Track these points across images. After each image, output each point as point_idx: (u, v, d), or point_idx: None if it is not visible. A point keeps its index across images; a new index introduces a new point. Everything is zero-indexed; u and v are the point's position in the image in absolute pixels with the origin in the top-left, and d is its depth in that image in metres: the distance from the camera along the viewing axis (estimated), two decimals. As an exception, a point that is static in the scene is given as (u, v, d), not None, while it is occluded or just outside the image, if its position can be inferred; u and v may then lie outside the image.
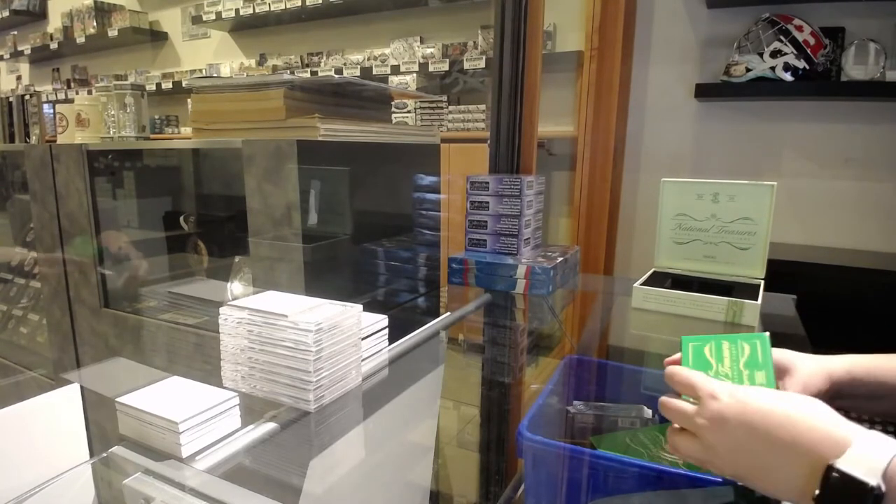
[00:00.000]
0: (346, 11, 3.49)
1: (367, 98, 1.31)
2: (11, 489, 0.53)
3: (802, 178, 2.37)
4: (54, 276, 1.51)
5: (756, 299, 1.06)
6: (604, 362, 1.02)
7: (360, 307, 0.75)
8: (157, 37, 4.53)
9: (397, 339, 0.92)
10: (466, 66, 2.98)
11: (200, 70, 4.29)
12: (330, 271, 1.14)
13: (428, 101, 2.97)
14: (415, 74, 3.20)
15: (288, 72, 3.77)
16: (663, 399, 0.58)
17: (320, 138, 1.04)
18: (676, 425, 0.56)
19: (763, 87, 2.23)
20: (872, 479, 0.42)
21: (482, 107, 2.94)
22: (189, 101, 1.20)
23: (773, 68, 2.19)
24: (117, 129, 1.53)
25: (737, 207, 1.17)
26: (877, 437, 0.44)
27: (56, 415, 0.60)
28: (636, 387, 0.96)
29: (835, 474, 0.43)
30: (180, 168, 1.66)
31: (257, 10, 3.59)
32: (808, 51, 2.15)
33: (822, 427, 0.47)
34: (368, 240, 1.25)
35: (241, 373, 0.72)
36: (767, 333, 0.61)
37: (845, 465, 0.43)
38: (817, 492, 0.44)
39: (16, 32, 5.24)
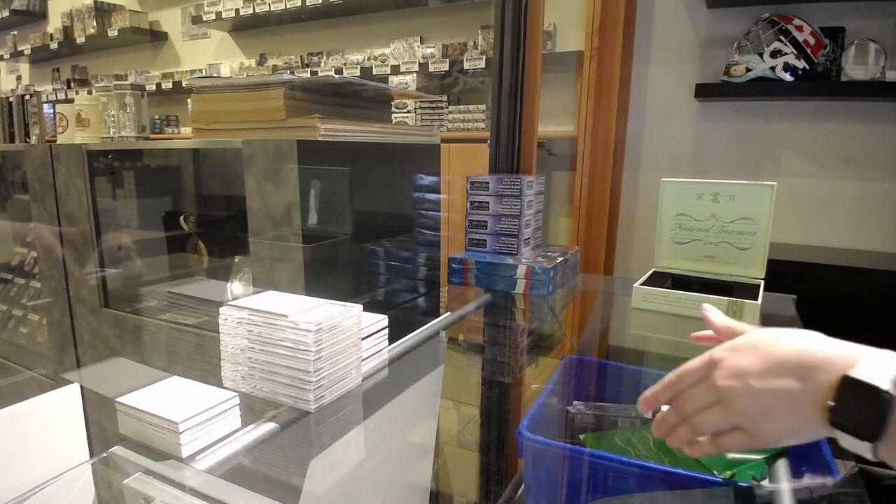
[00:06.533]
0: (346, 11, 3.49)
1: (367, 98, 1.30)
2: (11, 489, 0.53)
3: (802, 178, 2.37)
4: (54, 276, 1.51)
5: (756, 299, 1.06)
6: (604, 362, 1.02)
7: (360, 307, 0.75)
8: (157, 37, 4.53)
9: (397, 339, 0.92)
10: (466, 66, 2.98)
11: (200, 70, 4.29)
12: (330, 271, 1.14)
13: (428, 101, 2.97)
14: (415, 74, 3.20)
15: (288, 72, 3.77)
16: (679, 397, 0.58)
17: (320, 138, 1.04)
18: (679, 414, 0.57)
19: (763, 87, 2.23)
20: (884, 384, 0.44)
21: (482, 107, 2.94)
22: (189, 101, 1.20)
23: (773, 68, 2.19)
24: (117, 129, 1.53)
25: (737, 207, 1.17)
26: (883, 352, 0.48)
27: (56, 415, 0.60)
28: (636, 387, 0.96)
29: (849, 382, 0.46)
30: (180, 168, 1.66)
31: (257, 10, 3.59)
32: (808, 51, 2.15)
33: (829, 346, 0.50)
34: (368, 240, 1.25)
35: (241, 373, 0.72)
36: None
37: (858, 374, 0.46)
38: (831, 403, 0.47)
39: (16, 32, 5.23)
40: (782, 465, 0.56)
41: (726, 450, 0.55)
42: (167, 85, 4.20)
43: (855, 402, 0.46)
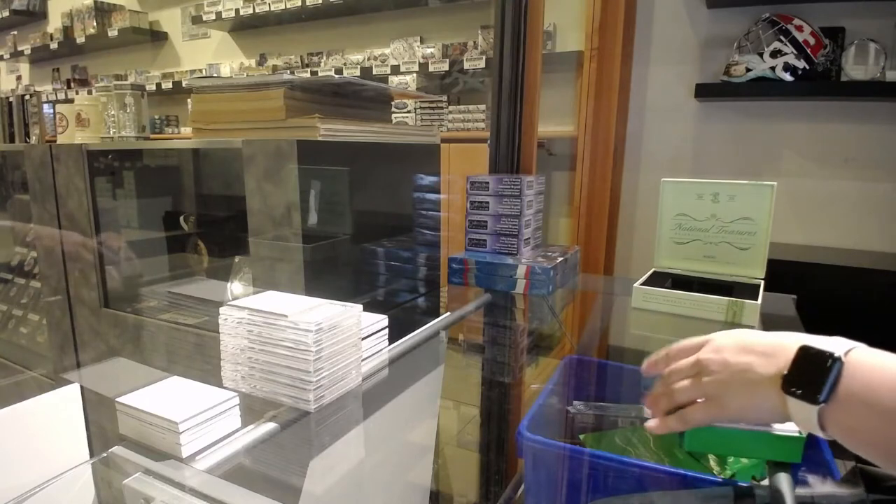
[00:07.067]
0: (346, 11, 3.49)
1: (367, 98, 1.30)
2: (11, 489, 0.53)
3: (802, 178, 2.37)
4: (54, 276, 1.51)
5: (756, 299, 1.06)
6: (604, 362, 1.02)
7: (360, 307, 0.75)
8: (157, 37, 4.53)
9: (397, 339, 0.92)
10: (466, 66, 2.98)
11: (200, 70, 4.29)
12: (330, 271, 1.14)
13: (428, 101, 2.97)
14: (415, 74, 3.20)
15: (288, 72, 3.77)
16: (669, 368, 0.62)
17: (320, 138, 1.04)
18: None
19: (763, 87, 2.23)
20: (837, 352, 0.48)
21: (482, 107, 2.94)
22: (189, 101, 1.20)
23: (773, 68, 2.19)
24: (117, 129, 1.53)
25: (737, 207, 1.17)
26: (839, 338, 0.51)
27: (56, 415, 0.60)
28: (636, 387, 0.96)
29: (804, 350, 0.50)
30: (180, 168, 1.66)
31: (257, 10, 3.59)
32: (808, 51, 2.15)
33: (794, 334, 0.54)
34: (368, 240, 1.25)
35: (241, 373, 0.72)
36: None
37: (814, 343, 0.50)
38: (785, 372, 0.50)
39: (16, 32, 5.23)
40: (784, 479, 0.56)
41: (689, 422, 0.58)
42: (167, 85, 4.20)
43: (807, 367, 0.49)
